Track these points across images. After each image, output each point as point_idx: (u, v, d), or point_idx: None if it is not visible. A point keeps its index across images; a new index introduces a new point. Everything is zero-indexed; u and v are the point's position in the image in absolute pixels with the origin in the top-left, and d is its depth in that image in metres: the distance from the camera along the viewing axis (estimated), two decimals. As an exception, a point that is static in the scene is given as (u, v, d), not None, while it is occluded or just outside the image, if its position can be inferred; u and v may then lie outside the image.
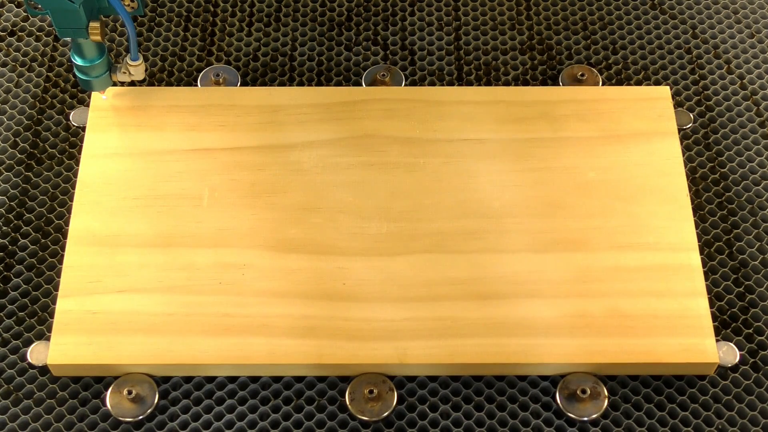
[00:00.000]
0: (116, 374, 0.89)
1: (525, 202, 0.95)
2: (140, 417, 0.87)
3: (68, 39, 0.91)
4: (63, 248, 0.95)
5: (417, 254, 0.92)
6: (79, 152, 0.99)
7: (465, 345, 0.88)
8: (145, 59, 1.08)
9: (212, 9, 1.12)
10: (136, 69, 0.94)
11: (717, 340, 0.89)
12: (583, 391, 0.87)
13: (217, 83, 1.05)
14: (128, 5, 0.91)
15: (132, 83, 1.01)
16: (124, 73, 0.94)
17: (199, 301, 0.90)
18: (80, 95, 1.06)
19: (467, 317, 0.89)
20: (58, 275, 0.93)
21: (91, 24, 0.87)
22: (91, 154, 0.97)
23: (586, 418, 0.87)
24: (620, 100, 1.01)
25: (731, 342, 0.91)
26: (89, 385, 0.89)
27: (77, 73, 0.94)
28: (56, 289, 0.92)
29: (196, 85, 1.06)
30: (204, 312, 0.89)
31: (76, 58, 0.92)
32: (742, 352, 0.91)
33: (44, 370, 0.90)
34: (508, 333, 0.88)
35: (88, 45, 0.91)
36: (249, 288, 0.91)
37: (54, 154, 1.01)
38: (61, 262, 0.94)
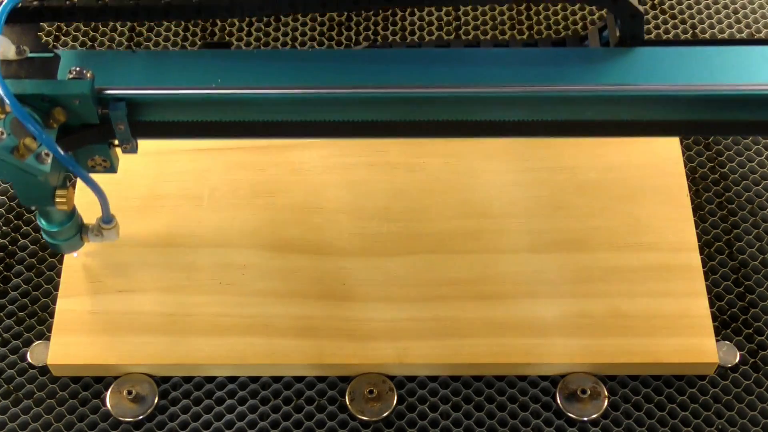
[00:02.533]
0: (116, 374, 0.89)
1: (525, 202, 0.95)
2: (140, 417, 0.87)
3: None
4: (63, 248, 0.95)
5: (417, 254, 0.92)
6: (79, 152, 0.99)
7: (465, 345, 0.88)
8: (145, 59, 1.08)
9: (212, 9, 1.12)
10: (110, 231, 0.85)
11: (717, 340, 0.89)
12: (583, 391, 0.87)
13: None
14: (100, 165, 0.79)
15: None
16: (97, 235, 0.85)
17: (199, 301, 0.90)
18: (80, 95, 1.06)
19: (467, 317, 0.89)
20: (58, 275, 0.93)
21: (58, 192, 0.76)
22: (91, 154, 0.97)
23: (586, 418, 0.87)
24: None
25: (731, 342, 0.91)
26: (89, 385, 0.89)
27: (44, 236, 0.84)
28: (56, 289, 0.92)
29: (196, 85, 1.06)
30: (204, 312, 0.89)
31: (42, 222, 0.83)
32: (742, 352, 0.90)
33: (44, 370, 0.90)
34: (508, 333, 0.88)
35: (56, 211, 0.81)
36: (249, 288, 0.91)
37: (54, 154, 1.01)
38: (61, 262, 0.94)
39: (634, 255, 0.92)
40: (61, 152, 0.71)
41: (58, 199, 0.76)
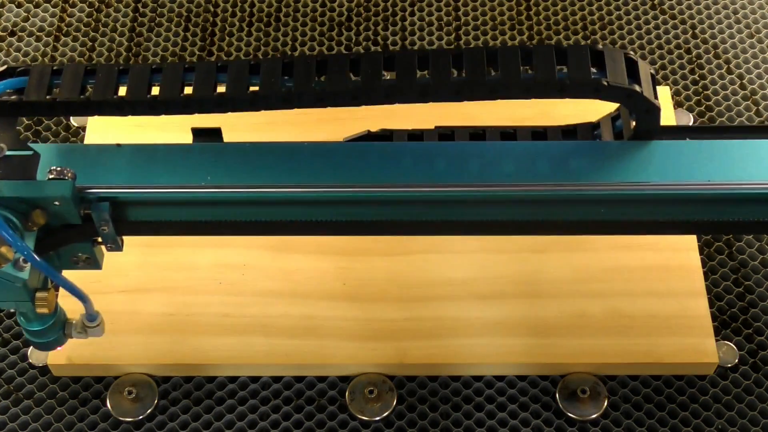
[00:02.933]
0: (116, 374, 0.89)
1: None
2: (140, 417, 0.87)
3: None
4: (63, 248, 0.95)
5: (417, 254, 0.92)
6: (79, 152, 0.99)
7: (465, 345, 0.88)
8: (145, 59, 1.08)
9: (212, 9, 1.12)
10: (95, 329, 0.76)
11: (717, 340, 0.89)
12: (583, 391, 0.87)
13: (217, 83, 1.05)
14: (83, 262, 0.75)
15: None
16: (80, 332, 0.77)
17: (199, 301, 0.90)
18: (80, 95, 1.06)
19: (467, 317, 0.89)
20: (58, 275, 0.93)
21: (38, 295, 0.70)
22: (91, 155, 0.97)
23: (586, 418, 0.87)
24: None
25: (731, 342, 0.91)
26: (89, 385, 0.89)
27: (26, 335, 0.76)
28: (56, 289, 0.92)
29: (196, 85, 1.06)
30: (204, 312, 0.89)
31: (23, 322, 0.75)
32: (742, 352, 0.91)
33: (44, 370, 0.90)
34: (508, 333, 0.88)
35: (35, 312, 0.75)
36: (249, 288, 0.91)
37: (54, 154, 1.01)
38: (61, 262, 0.94)
39: (634, 255, 0.92)
40: (39, 261, 0.66)
41: (38, 303, 0.71)
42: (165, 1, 1.13)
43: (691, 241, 0.93)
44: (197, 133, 0.79)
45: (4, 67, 0.73)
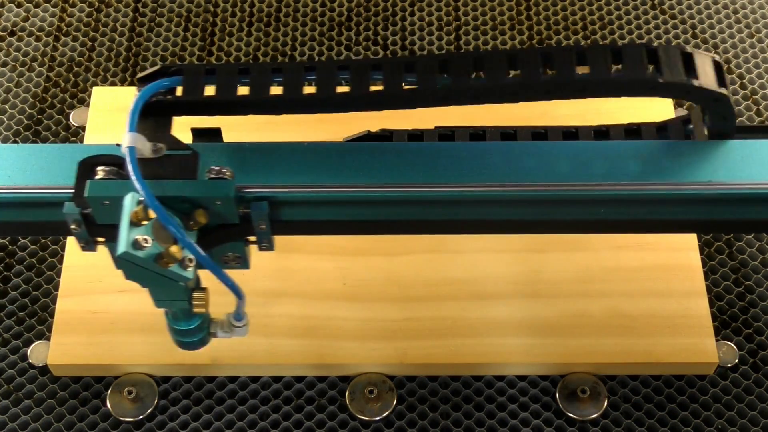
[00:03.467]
0: (116, 374, 0.89)
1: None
2: (140, 417, 0.87)
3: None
4: (63, 248, 0.95)
5: (417, 254, 0.92)
6: (79, 152, 0.99)
7: (465, 345, 0.88)
8: (145, 59, 1.08)
9: (212, 9, 1.12)
10: (240, 329, 0.76)
11: (717, 340, 0.89)
12: (583, 391, 0.87)
13: (217, 83, 1.05)
14: (233, 261, 0.76)
15: None
16: (226, 332, 0.77)
17: (199, 301, 0.90)
18: (80, 95, 1.06)
19: (467, 317, 0.89)
20: (58, 275, 0.93)
21: (195, 294, 0.72)
22: (91, 155, 0.97)
23: (586, 418, 0.87)
24: (620, 100, 1.01)
25: (731, 342, 0.91)
26: (89, 385, 0.89)
27: (173, 335, 0.78)
28: (56, 289, 0.92)
29: (196, 85, 1.06)
30: (204, 312, 0.89)
31: (173, 323, 0.76)
32: (742, 352, 0.91)
33: (44, 370, 0.90)
34: (508, 333, 0.88)
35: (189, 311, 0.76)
36: (249, 288, 0.91)
37: (54, 154, 1.01)
38: (61, 262, 0.94)
39: (634, 255, 0.92)
40: (208, 260, 0.67)
41: (195, 302, 0.72)
42: (165, 1, 1.13)
43: (691, 241, 0.93)
44: (197, 133, 0.79)
45: (158, 66, 0.73)
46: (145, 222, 0.65)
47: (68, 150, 0.75)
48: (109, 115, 1.00)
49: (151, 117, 0.72)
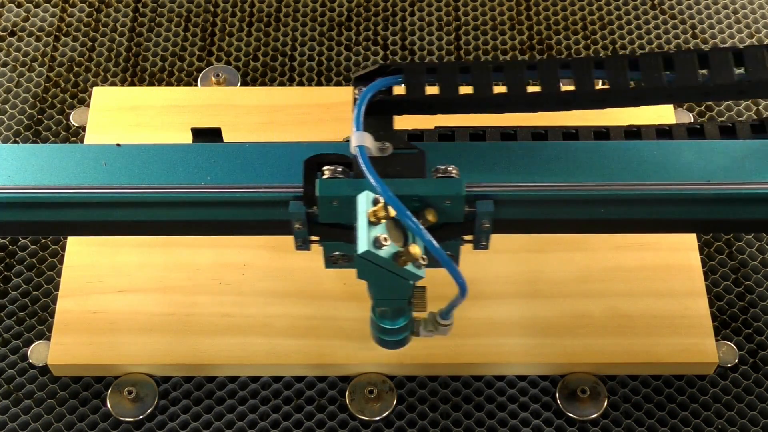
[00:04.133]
0: (116, 374, 0.89)
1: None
2: (140, 417, 0.87)
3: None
4: (63, 248, 0.95)
5: (417, 254, 0.92)
6: (79, 152, 0.99)
7: (465, 345, 0.88)
8: (145, 59, 1.08)
9: (212, 9, 1.12)
10: (445, 328, 0.76)
11: (717, 340, 0.89)
12: (583, 391, 0.87)
13: (217, 83, 1.05)
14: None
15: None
16: (430, 330, 0.77)
17: (199, 301, 0.90)
18: (80, 95, 1.06)
19: (467, 317, 0.89)
20: (58, 275, 0.93)
21: (416, 294, 0.72)
22: (92, 155, 0.97)
23: (586, 418, 0.87)
24: None
25: (731, 342, 0.91)
26: (89, 385, 0.89)
27: (374, 332, 0.79)
28: (56, 289, 0.92)
29: (196, 85, 1.06)
30: (204, 312, 0.89)
31: (378, 319, 0.77)
32: (742, 352, 0.91)
33: (45, 369, 0.90)
34: (508, 333, 0.88)
35: (402, 310, 0.76)
36: (249, 288, 0.91)
37: (54, 154, 1.01)
38: (61, 262, 0.94)
39: (634, 255, 0.92)
40: (444, 254, 0.65)
41: (416, 301, 0.73)
42: (165, 1, 1.13)
43: (691, 241, 0.93)
44: (197, 133, 0.79)
45: (376, 66, 0.73)
46: (382, 221, 0.65)
47: (68, 150, 0.75)
48: (110, 115, 1.00)
49: (372, 116, 0.71)
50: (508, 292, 0.90)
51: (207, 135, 0.79)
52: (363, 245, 0.64)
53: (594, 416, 0.87)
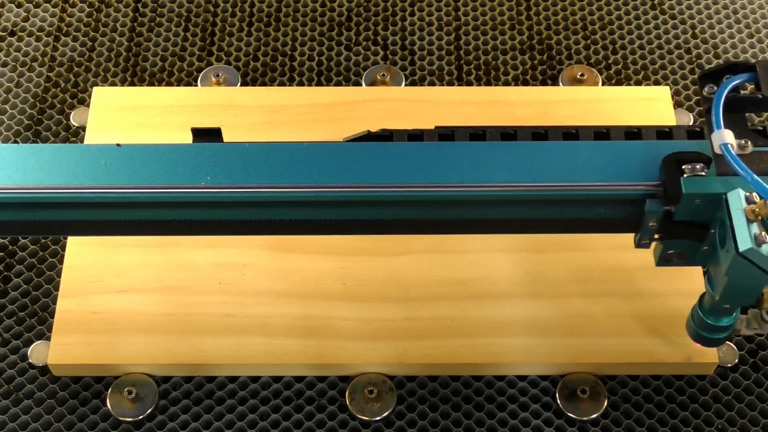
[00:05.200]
0: (116, 374, 0.89)
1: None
2: (140, 417, 0.87)
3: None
4: (63, 248, 0.95)
5: (417, 254, 0.92)
6: (79, 152, 0.99)
7: (465, 345, 0.88)
8: (145, 59, 1.08)
9: (212, 9, 1.12)
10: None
11: (717, 340, 0.89)
12: (583, 391, 0.87)
13: (217, 83, 1.05)
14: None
15: None
16: (754, 328, 0.76)
17: (199, 301, 0.90)
18: (80, 95, 1.06)
19: (467, 317, 0.89)
20: (58, 275, 0.93)
21: (766, 291, 0.71)
22: (92, 155, 0.97)
23: (586, 418, 0.87)
24: (620, 100, 1.01)
25: (731, 342, 0.91)
26: (89, 385, 0.89)
27: (693, 326, 0.79)
28: (56, 289, 0.92)
29: (196, 85, 1.06)
30: (204, 312, 0.89)
31: (706, 313, 0.77)
32: (742, 352, 0.91)
33: (44, 370, 0.90)
34: (508, 333, 0.88)
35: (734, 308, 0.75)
36: (249, 288, 0.91)
37: (54, 154, 1.01)
38: (61, 262, 0.94)
39: (634, 255, 0.92)
40: None
41: (766, 300, 0.72)
42: (165, 1, 1.13)
43: (691, 241, 0.93)
44: (197, 133, 0.79)
45: (722, 63, 0.73)
46: (760, 218, 0.65)
47: (68, 150, 0.75)
48: (110, 115, 1.00)
49: (726, 113, 0.71)
50: (508, 292, 0.90)
51: (207, 135, 0.79)
52: (746, 243, 0.64)
53: (594, 416, 0.87)
